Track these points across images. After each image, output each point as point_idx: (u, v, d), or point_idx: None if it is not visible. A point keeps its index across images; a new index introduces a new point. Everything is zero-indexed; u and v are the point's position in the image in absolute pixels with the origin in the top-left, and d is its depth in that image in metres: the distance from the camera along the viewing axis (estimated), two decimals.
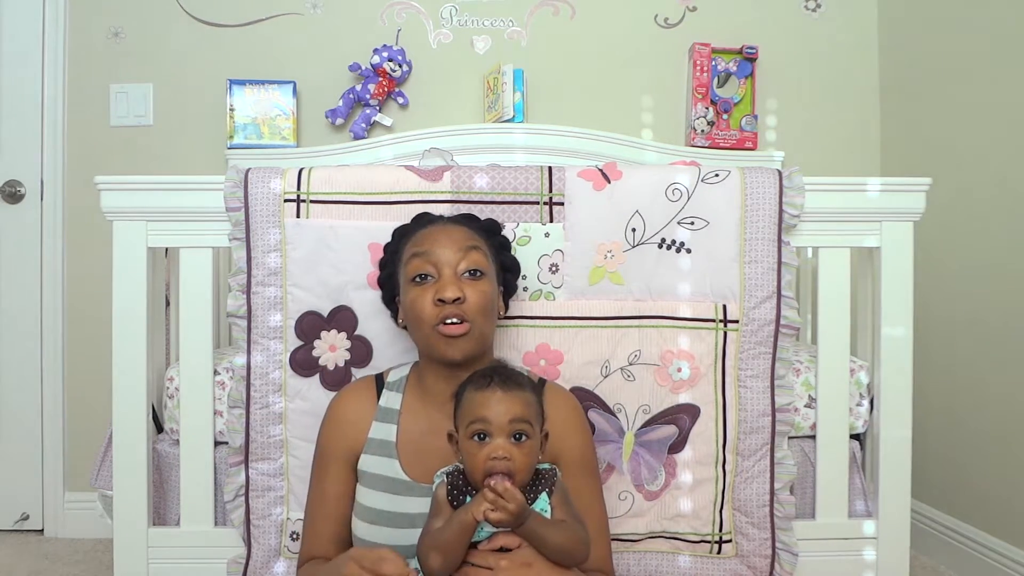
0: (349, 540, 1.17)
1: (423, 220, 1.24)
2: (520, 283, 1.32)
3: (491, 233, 1.25)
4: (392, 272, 1.22)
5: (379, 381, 1.23)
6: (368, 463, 1.16)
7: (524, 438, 1.00)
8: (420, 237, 1.17)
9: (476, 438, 1.00)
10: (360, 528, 1.14)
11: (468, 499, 1.01)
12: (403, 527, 1.11)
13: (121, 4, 2.31)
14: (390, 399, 1.20)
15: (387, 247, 1.25)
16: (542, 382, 1.22)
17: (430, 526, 1.02)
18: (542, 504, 1.02)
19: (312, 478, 1.21)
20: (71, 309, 2.27)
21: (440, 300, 1.10)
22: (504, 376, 1.04)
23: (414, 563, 1.07)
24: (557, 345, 1.33)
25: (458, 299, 1.10)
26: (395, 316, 1.25)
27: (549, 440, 1.08)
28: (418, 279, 1.13)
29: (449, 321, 1.10)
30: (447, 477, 1.04)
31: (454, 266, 1.13)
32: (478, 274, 1.14)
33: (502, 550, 0.98)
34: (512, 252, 1.29)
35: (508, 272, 1.26)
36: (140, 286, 1.35)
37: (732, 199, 1.34)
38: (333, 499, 1.17)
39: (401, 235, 1.23)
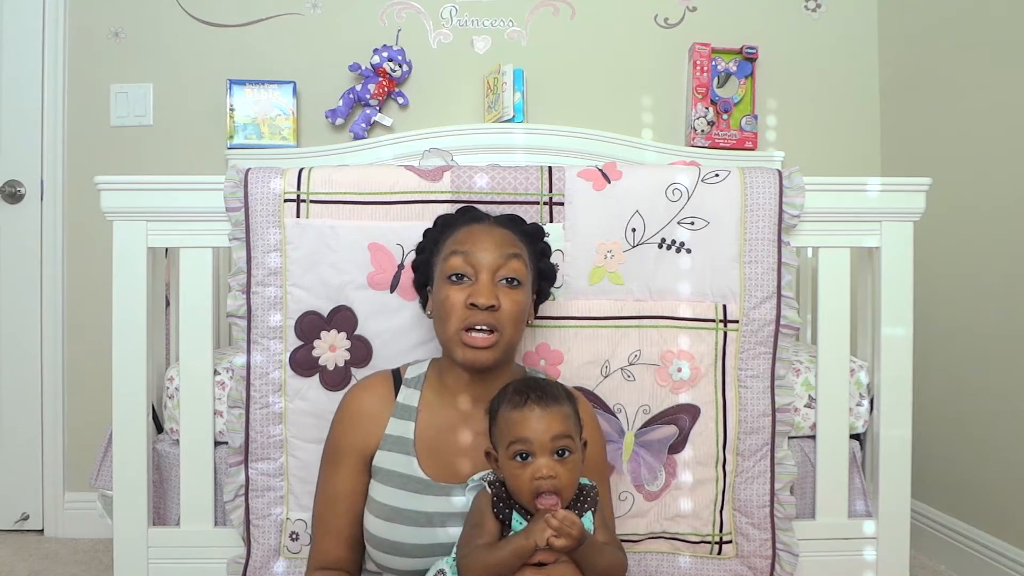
0: (361, 539, 1.17)
1: (468, 215, 1.22)
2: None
3: (534, 239, 1.23)
4: (428, 259, 1.21)
5: (396, 377, 1.22)
6: (384, 459, 1.15)
7: (567, 453, 0.99)
8: (463, 235, 1.15)
9: (518, 458, 0.99)
10: (374, 525, 1.12)
11: (513, 512, 0.99)
12: (420, 525, 1.10)
13: (121, 4, 2.31)
14: (408, 396, 1.19)
15: (427, 232, 1.24)
16: None
17: (473, 537, 1.00)
18: (587, 524, 1.01)
19: (322, 473, 1.20)
20: (71, 309, 2.27)
21: (473, 304, 1.09)
22: (540, 391, 1.02)
23: (434, 566, 1.07)
24: (557, 345, 1.33)
25: (492, 307, 1.09)
26: (424, 303, 1.24)
27: None
28: (454, 278, 1.12)
29: (478, 329, 1.09)
30: (490, 487, 1.02)
31: (493, 271, 1.11)
32: (515, 283, 1.13)
33: (539, 564, 0.97)
34: (551, 259, 1.28)
35: (544, 280, 1.24)
36: (140, 286, 1.35)
37: (732, 199, 1.34)
38: (345, 496, 1.16)
39: (444, 226, 1.21)
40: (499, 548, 0.96)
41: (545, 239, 1.26)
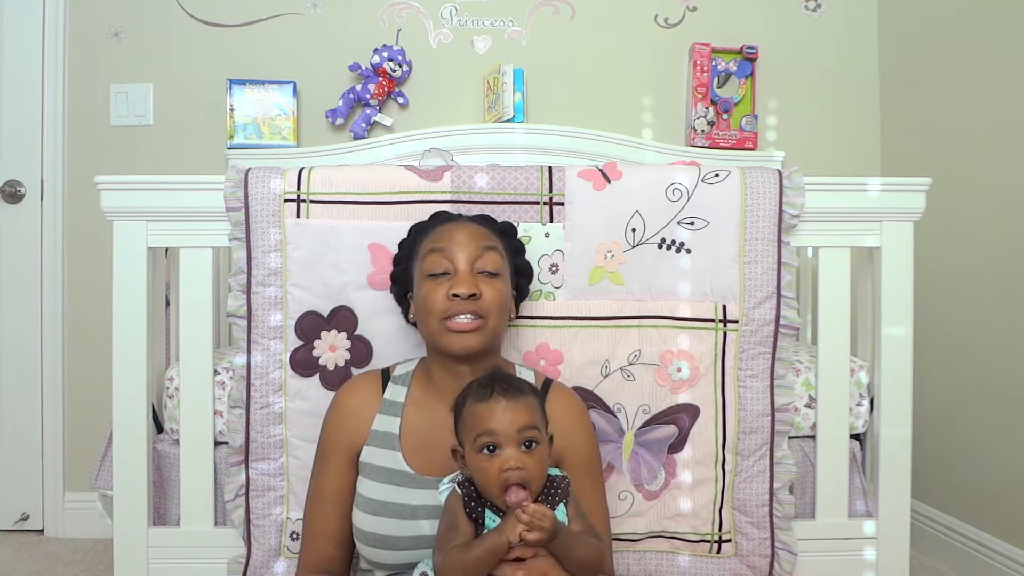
0: (349, 537, 1.17)
1: (441, 218, 1.24)
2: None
3: (507, 236, 1.25)
4: (406, 268, 1.22)
5: (385, 375, 1.23)
6: (371, 455, 1.16)
7: (534, 445, 0.99)
8: (438, 234, 1.18)
9: (485, 451, 0.98)
10: (361, 519, 1.13)
11: (485, 510, 0.99)
12: (405, 518, 1.11)
13: (121, 4, 2.31)
14: (395, 392, 1.20)
15: (403, 243, 1.26)
16: (548, 382, 1.22)
17: (448, 539, 0.99)
18: (560, 515, 1.00)
19: (313, 472, 1.21)
20: (71, 309, 2.27)
21: (455, 295, 1.10)
22: (504, 384, 1.02)
23: (418, 568, 1.07)
24: (557, 345, 1.33)
25: (473, 295, 1.10)
26: (406, 313, 1.25)
27: (554, 441, 1.07)
28: (435, 272, 1.14)
29: (460, 318, 1.10)
30: (459, 487, 1.02)
31: (471, 263, 1.14)
32: (495, 273, 1.15)
33: (516, 560, 0.97)
34: (525, 256, 1.29)
35: (522, 276, 1.26)
36: (140, 286, 1.35)
37: (732, 199, 1.34)
38: (333, 493, 1.17)
39: (418, 232, 1.23)
40: (474, 547, 0.96)
41: (518, 237, 1.28)
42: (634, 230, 1.34)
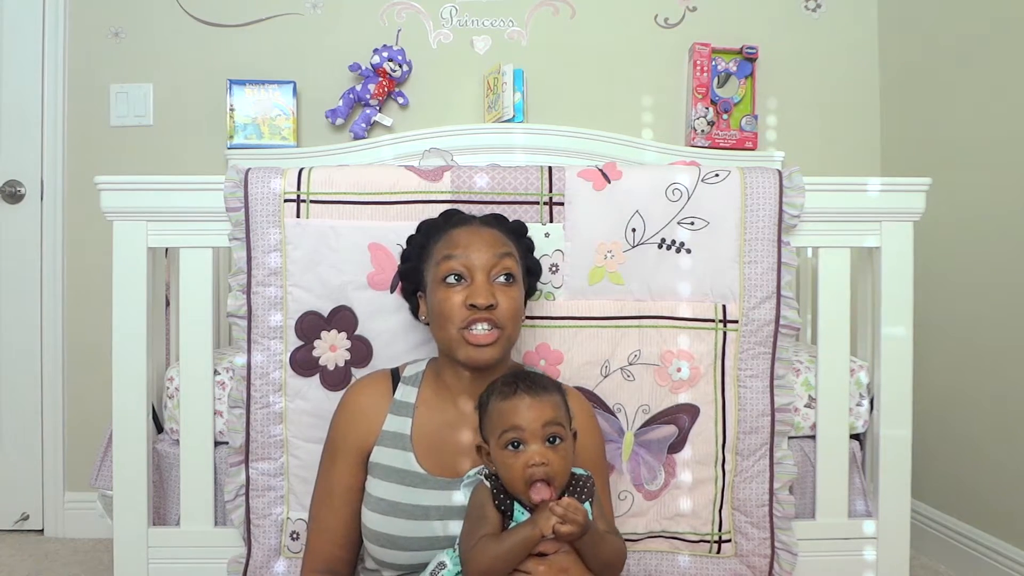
0: (356, 537, 1.17)
1: (453, 219, 1.23)
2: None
3: (519, 235, 1.25)
4: (416, 266, 1.21)
5: (395, 375, 1.23)
6: (382, 455, 1.16)
7: (558, 441, 1.00)
8: (453, 238, 1.16)
9: (510, 447, 1.00)
10: (371, 519, 1.13)
11: (514, 503, 1.00)
12: (417, 519, 1.11)
13: (121, 4, 2.31)
14: (406, 392, 1.20)
15: (411, 239, 1.25)
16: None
17: (476, 530, 1.00)
18: None
19: (320, 471, 1.20)
20: (71, 309, 2.27)
21: (472, 305, 1.09)
22: (529, 381, 1.03)
23: (436, 558, 1.07)
24: (557, 345, 1.33)
25: (491, 306, 1.10)
26: (415, 311, 1.25)
27: None
28: (452, 279, 1.12)
29: (478, 328, 1.10)
30: (488, 480, 1.03)
31: (488, 270, 1.13)
32: (511, 279, 1.14)
33: (539, 554, 0.98)
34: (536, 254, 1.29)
35: (531, 275, 1.26)
36: (140, 286, 1.35)
37: (732, 199, 1.34)
38: (342, 492, 1.17)
39: (429, 230, 1.22)
40: (505, 539, 0.97)
41: (528, 235, 1.28)
42: (634, 230, 1.34)
